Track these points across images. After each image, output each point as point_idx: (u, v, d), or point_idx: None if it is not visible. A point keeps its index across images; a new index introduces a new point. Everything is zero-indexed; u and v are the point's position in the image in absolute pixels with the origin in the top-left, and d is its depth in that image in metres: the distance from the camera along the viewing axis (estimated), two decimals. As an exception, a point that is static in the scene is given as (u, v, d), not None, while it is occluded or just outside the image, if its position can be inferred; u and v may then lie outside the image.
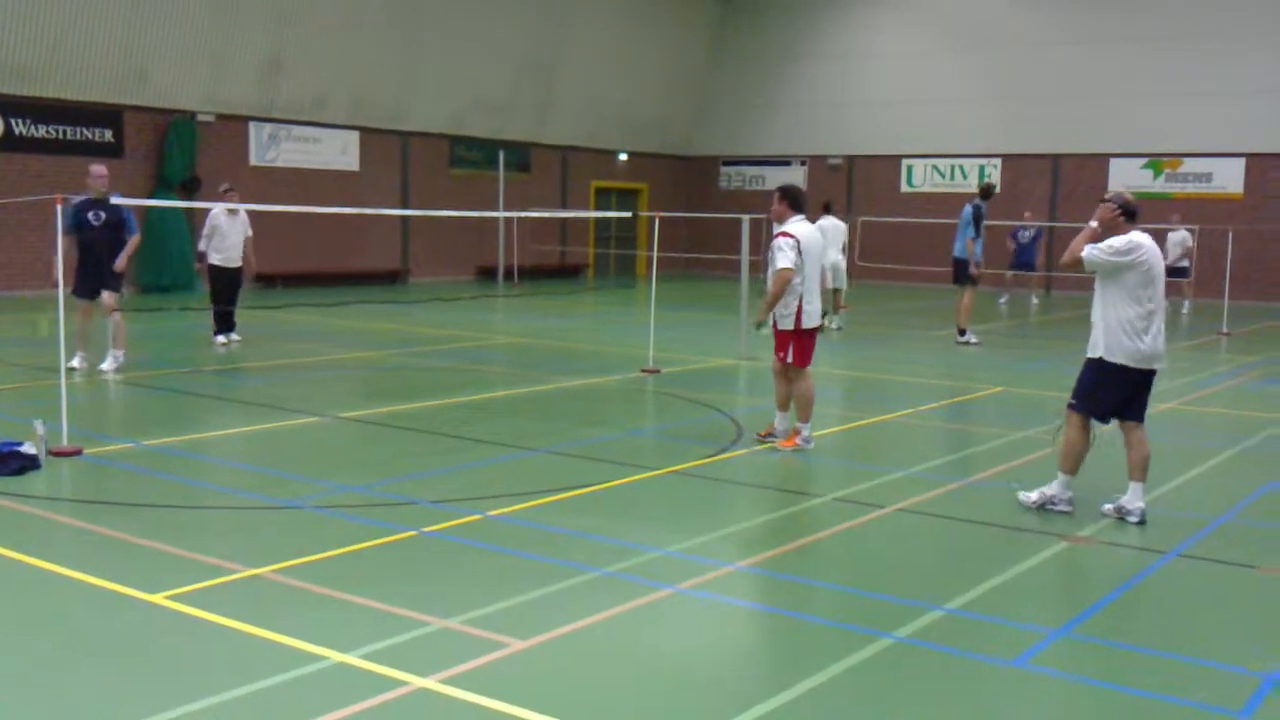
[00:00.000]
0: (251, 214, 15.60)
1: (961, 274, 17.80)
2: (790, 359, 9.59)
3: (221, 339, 15.41)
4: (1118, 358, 7.49)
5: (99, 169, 12.52)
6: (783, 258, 9.38)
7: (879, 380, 14.18)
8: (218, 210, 15.31)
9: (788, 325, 9.54)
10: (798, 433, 9.60)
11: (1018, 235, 25.77)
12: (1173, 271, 24.95)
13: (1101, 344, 7.55)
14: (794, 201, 9.66)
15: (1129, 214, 7.53)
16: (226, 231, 15.25)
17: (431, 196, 28.43)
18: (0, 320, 18.12)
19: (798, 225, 9.54)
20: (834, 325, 19.04)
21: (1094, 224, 7.61)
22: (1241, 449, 10.35)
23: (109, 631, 5.38)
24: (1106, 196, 7.71)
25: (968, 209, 17.76)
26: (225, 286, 15.47)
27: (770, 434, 9.88)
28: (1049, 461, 9.44)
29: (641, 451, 9.78)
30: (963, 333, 17.60)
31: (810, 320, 9.55)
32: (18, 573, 6.13)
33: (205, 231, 15.40)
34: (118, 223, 12.43)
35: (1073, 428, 7.75)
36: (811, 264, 9.50)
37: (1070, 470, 7.76)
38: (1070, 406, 7.79)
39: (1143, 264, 7.40)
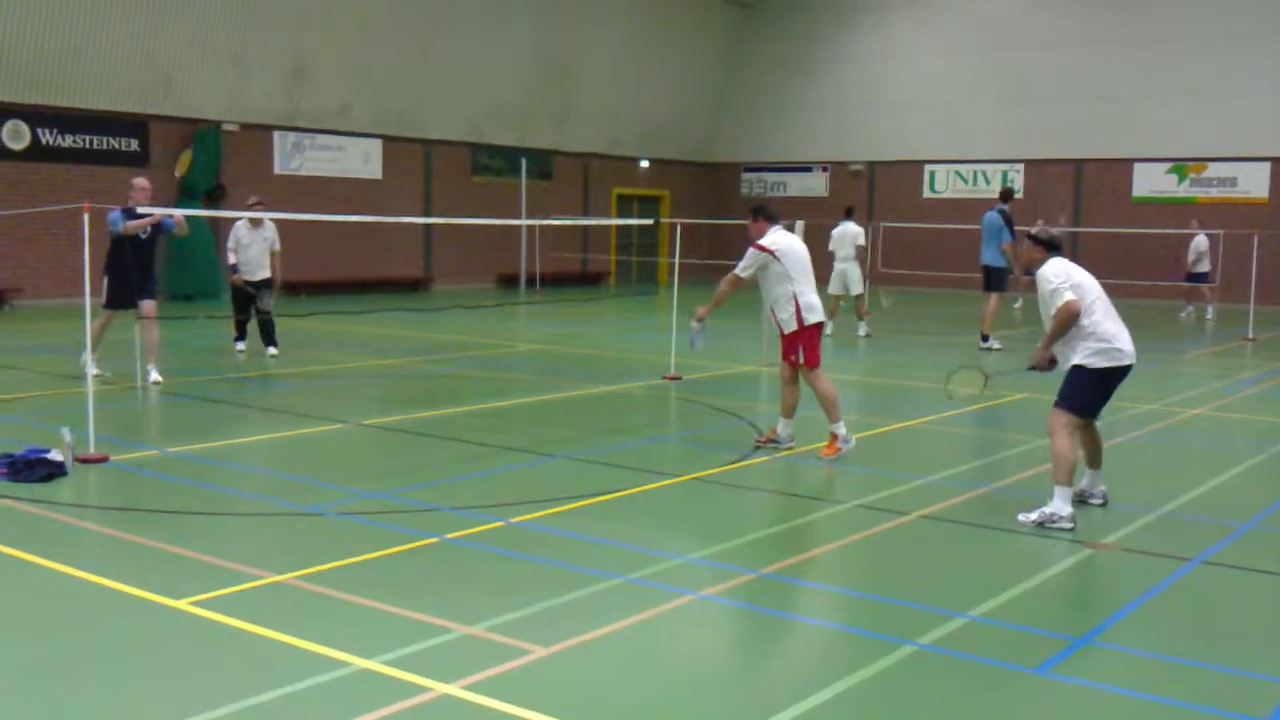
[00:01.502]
0: (276, 222, 15.53)
1: (991, 281, 17.77)
2: (801, 360, 9.57)
3: (241, 346, 15.34)
4: (1098, 363, 7.56)
5: (144, 182, 12.48)
6: (741, 261, 9.66)
7: (901, 386, 14.16)
8: (240, 224, 15.22)
9: (792, 326, 9.54)
10: (835, 438, 9.56)
11: None
12: (1194, 277, 24.81)
13: (1078, 355, 7.61)
14: (769, 216, 9.83)
15: (1049, 246, 7.86)
16: (247, 244, 15.11)
17: (454, 204, 28.53)
18: (27, 329, 18.28)
19: (774, 236, 9.66)
20: (861, 332, 19.08)
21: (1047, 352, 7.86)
22: (1267, 455, 10.27)
23: (133, 637, 5.42)
24: (1032, 231, 8.12)
25: (995, 216, 17.71)
26: (248, 299, 15.29)
27: (772, 440, 9.85)
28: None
29: (664, 458, 9.78)
30: (985, 338, 17.55)
31: (812, 314, 9.56)
32: (44, 578, 6.18)
33: (230, 245, 15.25)
34: (156, 234, 12.54)
35: (1063, 435, 7.59)
36: (795, 264, 9.56)
37: (1067, 481, 7.54)
38: (1056, 405, 7.70)
39: (1076, 281, 7.65)
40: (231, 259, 15.21)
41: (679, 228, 15.31)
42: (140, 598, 5.83)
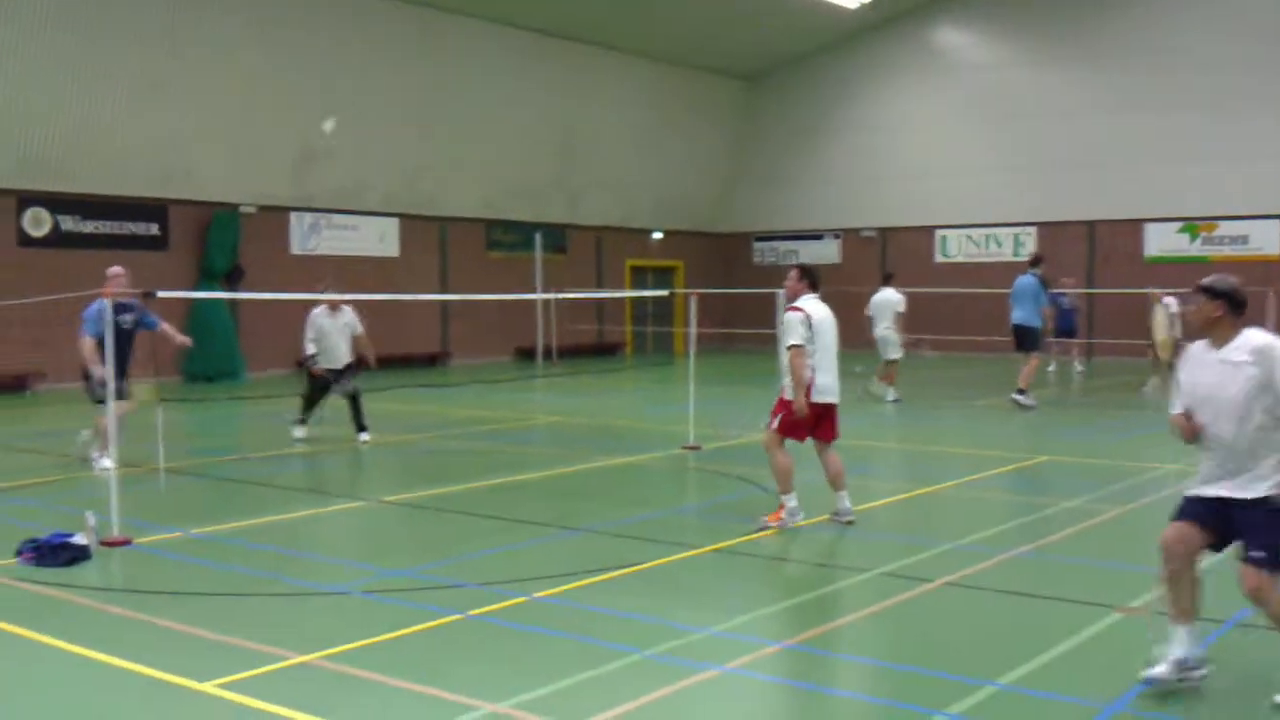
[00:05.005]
0: (293, 302, 15.16)
1: (1026, 341, 17.97)
2: (775, 424, 9.43)
3: (301, 433, 14.58)
4: None
5: (117, 270, 11.90)
6: (791, 333, 9.37)
7: (922, 451, 14.12)
8: (319, 311, 14.39)
9: (791, 395, 9.36)
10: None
11: (1059, 300, 25.09)
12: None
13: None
14: (812, 280, 9.72)
15: (1235, 304, 5.63)
16: (329, 331, 14.30)
17: (470, 279, 28.77)
18: (49, 413, 18.40)
19: (809, 302, 9.54)
20: (889, 398, 18.88)
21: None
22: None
23: (161, 722, 5.41)
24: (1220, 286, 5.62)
25: (1031, 279, 18.10)
26: (326, 386, 14.57)
27: (777, 520, 9.47)
28: (1095, 532, 9.37)
29: (684, 529, 9.75)
30: (1022, 391, 17.67)
31: (821, 394, 9.39)
32: (69, 663, 6.18)
33: (309, 335, 14.38)
34: (136, 329, 12.27)
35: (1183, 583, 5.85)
36: (823, 341, 9.42)
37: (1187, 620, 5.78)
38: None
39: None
40: (310, 349, 14.41)
41: (694, 298, 15.30)
42: (165, 681, 5.82)
